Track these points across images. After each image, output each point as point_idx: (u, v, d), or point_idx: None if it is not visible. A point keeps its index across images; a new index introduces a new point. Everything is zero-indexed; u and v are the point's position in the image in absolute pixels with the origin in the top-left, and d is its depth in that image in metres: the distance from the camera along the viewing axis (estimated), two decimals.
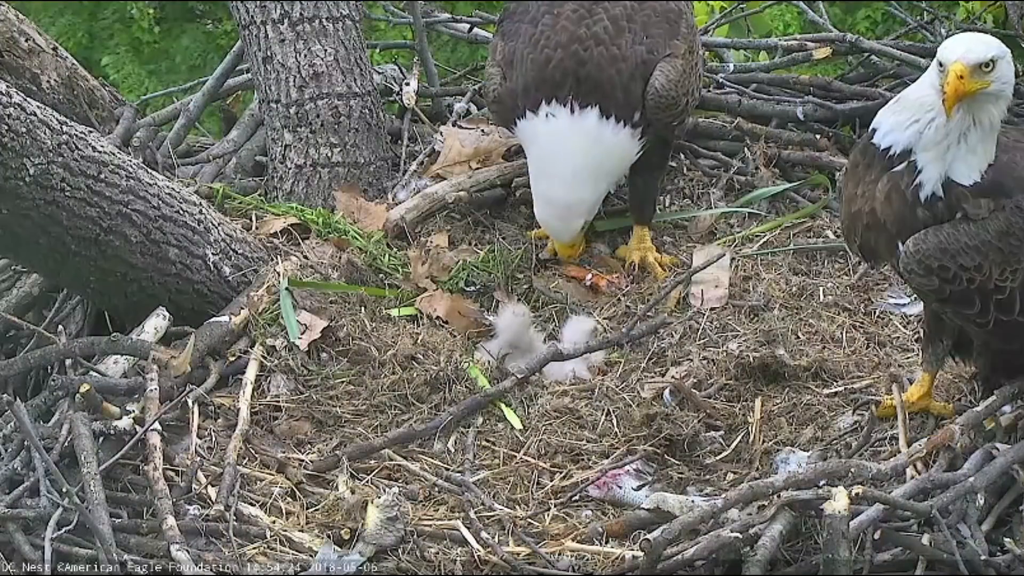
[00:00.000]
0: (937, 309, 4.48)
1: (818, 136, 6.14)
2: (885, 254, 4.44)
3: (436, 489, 4.62)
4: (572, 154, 5.27)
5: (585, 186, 5.31)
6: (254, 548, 4.31)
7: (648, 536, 4.07)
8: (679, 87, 5.34)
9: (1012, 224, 4.27)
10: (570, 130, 5.24)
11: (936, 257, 4.28)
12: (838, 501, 4.01)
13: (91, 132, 5.00)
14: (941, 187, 4.27)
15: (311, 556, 4.25)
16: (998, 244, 4.27)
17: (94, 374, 4.82)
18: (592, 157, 5.30)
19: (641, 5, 5.42)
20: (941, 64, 4.21)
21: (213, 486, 4.50)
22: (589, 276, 5.53)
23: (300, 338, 5.04)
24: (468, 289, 5.49)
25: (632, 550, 4.22)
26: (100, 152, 4.93)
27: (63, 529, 4.26)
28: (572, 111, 5.23)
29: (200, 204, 5.29)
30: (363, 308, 5.29)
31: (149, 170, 5.19)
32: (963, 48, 4.21)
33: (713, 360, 5.09)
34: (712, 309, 5.33)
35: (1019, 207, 4.27)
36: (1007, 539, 4.22)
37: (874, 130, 4.40)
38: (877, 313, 5.32)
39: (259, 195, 5.94)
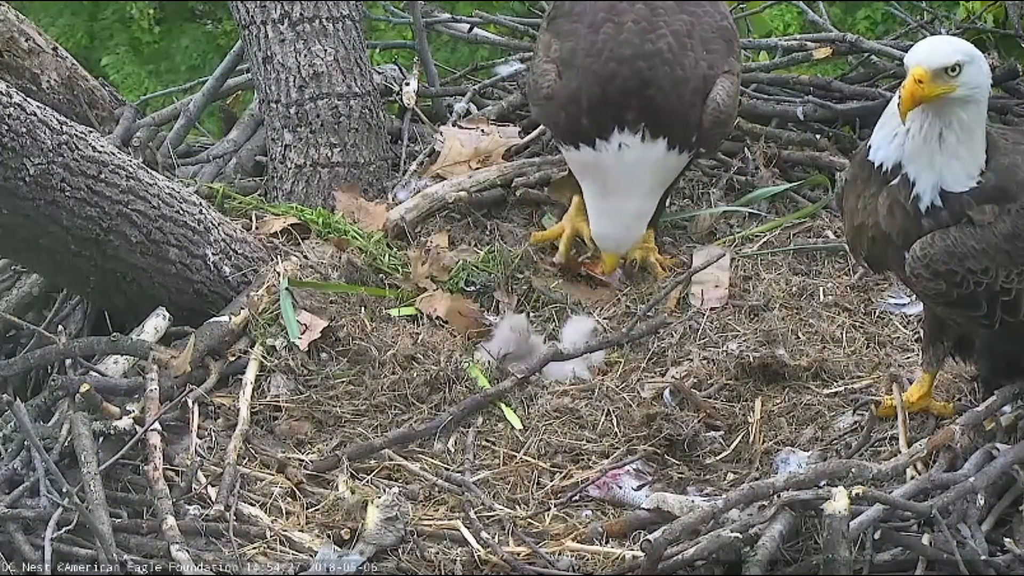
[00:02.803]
0: (942, 313, 4.47)
1: (818, 136, 6.15)
2: (893, 265, 4.43)
3: (436, 489, 4.62)
4: (641, 177, 5.32)
5: (647, 199, 5.39)
6: (254, 548, 4.31)
7: (648, 536, 4.07)
8: (734, 105, 5.42)
9: (1018, 226, 4.25)
10: (642, 159, 5.27)
11: (943, 261, 4.27)
12: (838, 501, 4.01)
13: (91, 132, 5.00)
14: (939, 196, 4.27)
15: (311, 556, 4.25)
16: (1005, 247, 4.25)
17: (94, 374, 4.82)
18: (657, 177, 5.37)
19: (700, 20, 5.42)
20: (907, 68, 4.19)
21: (213, 486, 4.50)
22: (582, 269, 5.54)
23: (300, 338, 5.04)
24: (468, 289, 5.49)
25: (632, 550, 4.22)
26: (100, 152, 4.93)
27: (63, 529, 4.26)
28: (643, 140, 5.25)
29: (200, 204, 5.28)
30: (363, 308, 5.29)
31: (149, 170, 5.19)
32: (926, 52, 4.20)
33: (713, 360, 5.10)
34: (712, 309, 5.33)
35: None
36: (1007, 539, 4.22)
37: (870, 146, 4.39)
38: (877, 313, 5.32)
39: (259, 195, 5.95)
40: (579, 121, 5.29)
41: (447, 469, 4.71)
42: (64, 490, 4.24)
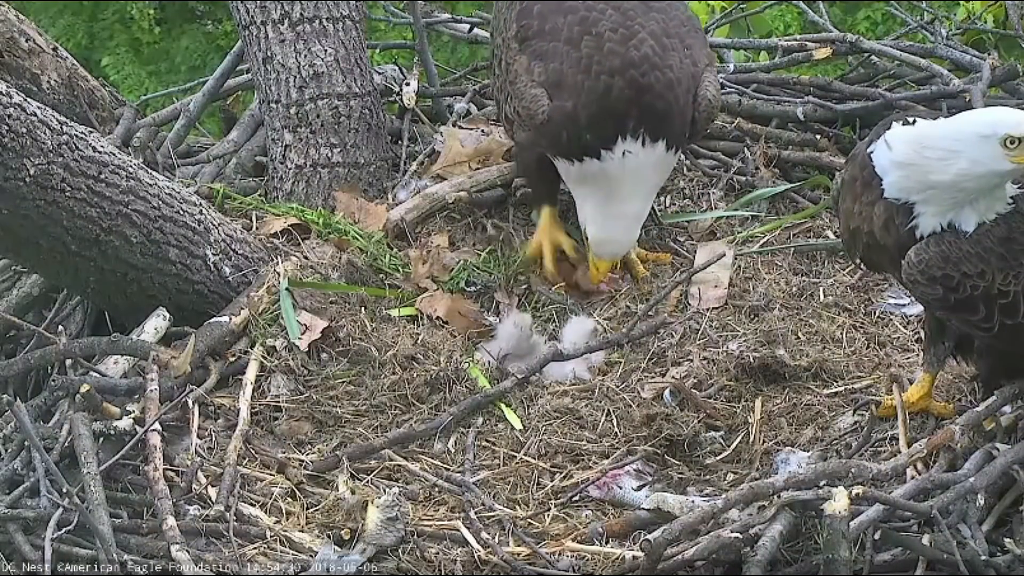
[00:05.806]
0: (941, 317, 4.47)
1: (818, 136, 6.14)
2: (889, 268, 4.43)
3: (436, 489, 4.62)
4: (644, 180, 5.36)
5: (647, 200, 5.44)
6: (254, 548, 4.31)
7: (648, 536, 4.07)
8: (719, 96, 5.47)
9: (1013, 229, 4.24)
10: (644, 162, 5.29)
11: (939, 266, 4.26)
12: (838, 501, 4.01)
13: (91, 132, 5.00)
14: (940, 226, 4.26)
15: (311, 556, 4.25)
16: (1000, 250, 4.24)
17: (94, 374, 4.82)
18: (657, 178, 5.42)
19: (669, 16, 5.42)
20: (1015, 140, 4.08)
21: (213, 486, 4.50)
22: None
23: (300, 338, 5.04)
24: (468, 289, 5.49)
25: (632, 550, 4.21)
26: (100, 152, 4.93)
27: (63, 529, 4.26)
28: (644, 144, 5.26)
29: (200, 204, 5.28)
30: (363, 308, 5.29)
31: (149, 170, 5.19)
32: None
33: (713, 360, 5.10)
34: (711, 309, 5.33)
35: (1020, 212, 4.25)
36: (1007, 539, 4.22)
37: (871, 139, 4.37)
38: (877, 313, 5.32)
39: (259, 195, 5.94)
40: (581, 137, 5.29)
41: (447, 469, 4.71)
42: (64, 490, 4.24)
